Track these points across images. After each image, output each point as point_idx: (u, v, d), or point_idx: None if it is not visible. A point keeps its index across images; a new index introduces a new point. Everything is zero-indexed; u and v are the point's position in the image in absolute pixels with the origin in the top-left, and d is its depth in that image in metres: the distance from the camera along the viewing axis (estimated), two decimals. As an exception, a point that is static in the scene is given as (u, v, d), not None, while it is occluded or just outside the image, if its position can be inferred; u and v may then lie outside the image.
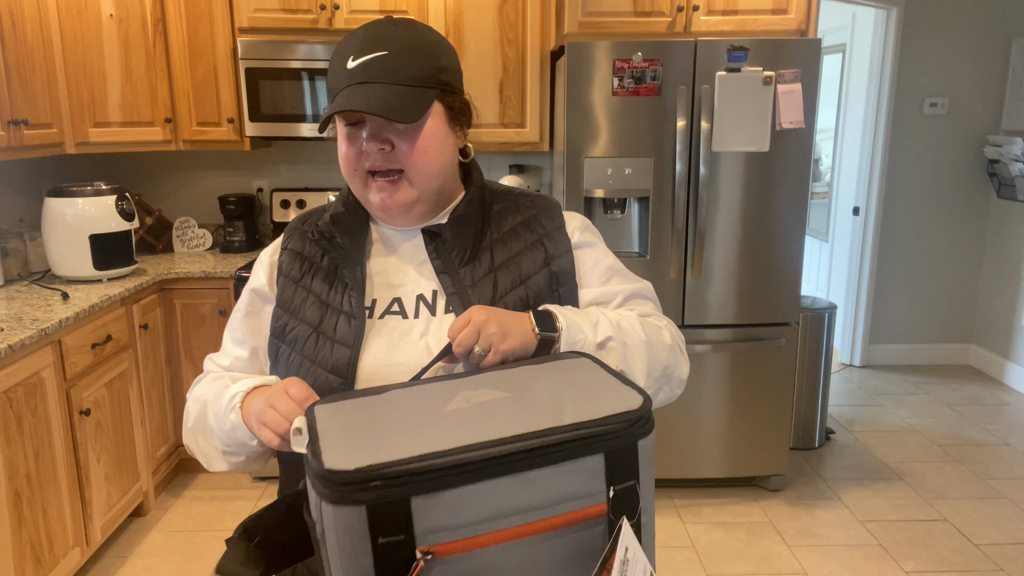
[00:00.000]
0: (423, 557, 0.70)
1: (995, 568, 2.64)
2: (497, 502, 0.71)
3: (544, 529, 0.73)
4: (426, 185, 1.01)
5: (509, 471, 0.71)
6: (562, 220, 1.09)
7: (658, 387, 1.03)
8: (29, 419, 2.22)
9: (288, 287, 1.06)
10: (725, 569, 2.64)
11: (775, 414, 3.07)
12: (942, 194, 4.50)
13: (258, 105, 3.17)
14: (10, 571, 2.11)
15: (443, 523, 0.70)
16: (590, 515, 0.74)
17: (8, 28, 2.62)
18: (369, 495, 0.68)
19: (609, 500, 0.74)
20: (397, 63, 0.95)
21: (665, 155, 2.86)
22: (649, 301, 1.12)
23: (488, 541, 0.72)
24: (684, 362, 1.06)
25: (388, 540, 0.69)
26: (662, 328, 1.05)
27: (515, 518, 0.72)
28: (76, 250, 2.84)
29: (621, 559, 0.73)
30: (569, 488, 0.73)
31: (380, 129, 0.97)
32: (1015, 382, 4.32)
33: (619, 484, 0.75)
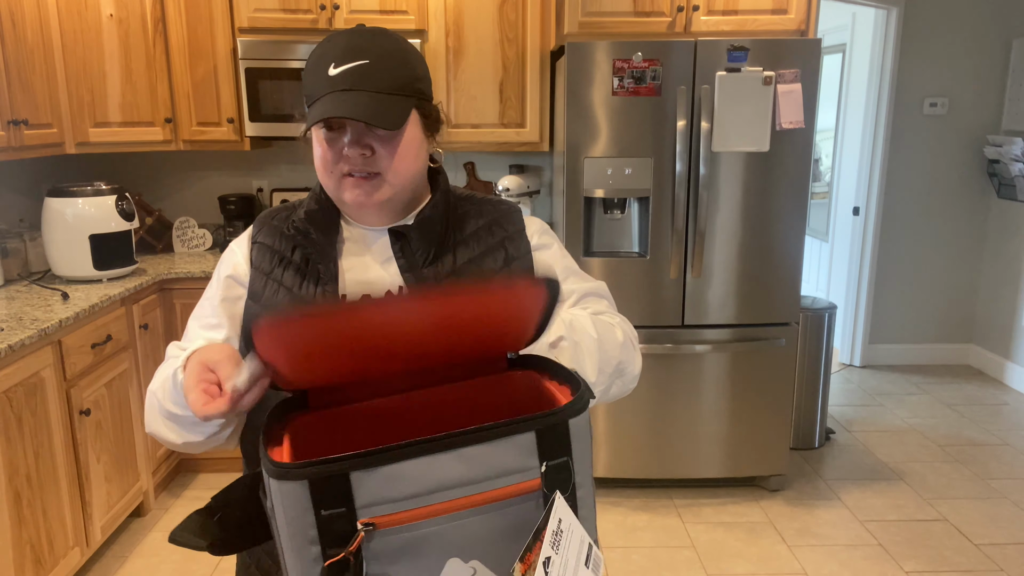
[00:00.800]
0: (364, 528, 0.75)
1: (995, 568, 2.64)
2: (435, 477, 0.76)
3: (482, 502, 0.78)
4: (401, 188, 1.05)
5: (445, 448, 0.76)
6: (522, 224, 1.14)
7: (610, 382, 1.04)
8: (29, 419, 2.22)
9: (258, 279, 1.09)
10: (725, 569, 2.64)
11: (775, 414, 3.07)
12: (942, 194, 4.50)
13: (258, 105, 3.17)
14: (10, 571, 2.11)
15: (383, 496, 0.75)
16: (524, 489, 0.79)
17: (8, 28, 2.62)
18: (309, 470, 0.73)
19: (542, 475, 0.79)
20: (379, 71, 0.99)
21: (665, 155, 2.86)
22: (604, 299, 1.15)
23: (428, 513, 0.76)
24: (637, 358, 1.09)
25: (330, 512, 0.74)
26: (615, 325, 1.06)
27: (453, 492, 0.77)
28: (76, 250, 2.84)
29: (554, 530, 0.77)
30: (504, 463, 0.78)
31: (361, 135, 1.01)
32: (1015, 382, 4.32)
33: (551, 460, 0.79)
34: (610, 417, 3.06)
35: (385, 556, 0.77)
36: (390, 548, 0.77)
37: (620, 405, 3.04)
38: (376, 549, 0.77)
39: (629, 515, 2.99)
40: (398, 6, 3.16)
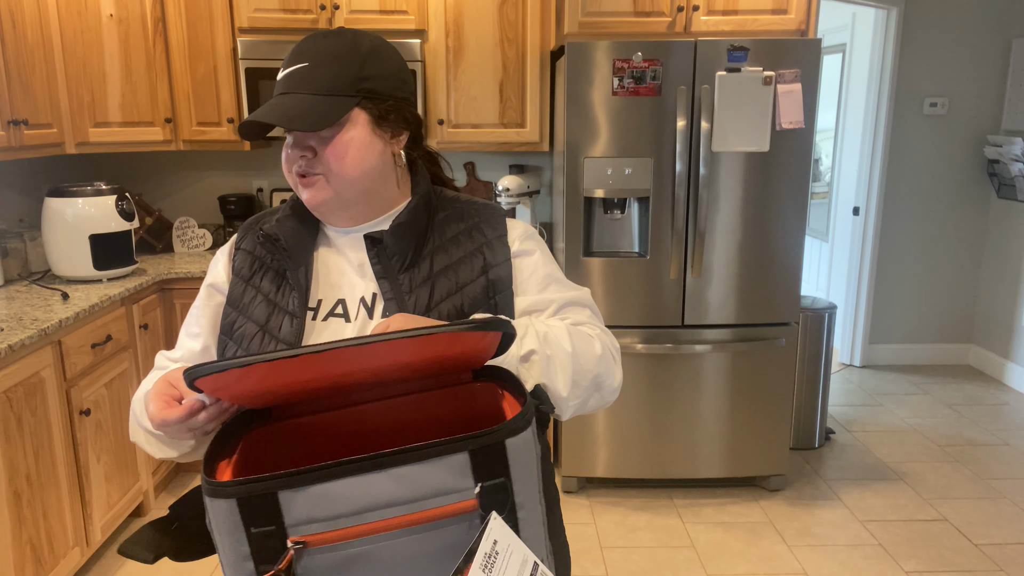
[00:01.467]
0: (294, 547, 0.75)
1: (995, 568, 2.64)
2: (366, 496, 0.76)
3: (416, 522, 0.77)
4: (345, 188, 1.03)
5: (375, 468, 0.75)
6: (504, 229, 1.12)
7: (587, 396, 1.03)
8: (29, 419, 2.22)
9: (238, 285, 1.10)
10: (725, 569, 2.64)
11: (775, 414, 3.07)
12: (942, 194, 4.50)
13: (258, 105, 3.17)
14: (10, 571, 2.12)
15: (312, 515, 0.75)
16: (459, 510, 0.78)
17: (8, 28, 2.62)
18: (236, 489, 0.74)
19: (477, 496, 0.78)
20: (315, 73, 1.00)
21: (665, 155, 2.86)
22: (586, 309, 1.12)
23: (360, 532, 0.76)
24: (616, 371, 1.07)
25: (260, 530, 0.75)
26: (594, 337, 1.04)
27: (386, 511, 0.76)
28: (76, 250, 2.84)
29: (487, 552, 0.76)
30: (437, 484, 0.77)
31: (303, 137, 1.02)
32: (1015, 382, 4.32)
33: (487, 480, 0.78)
34: (610, 417, 3.06)
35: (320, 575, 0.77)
36: (324, 567, 0.77)
37: (620, 405, 3.04)
38: (310, 567, 0.76)
39: (629, 515, 2.99)
40: (398, 6, 3.16)
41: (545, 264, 1.12)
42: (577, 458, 3.10)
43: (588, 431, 3.08)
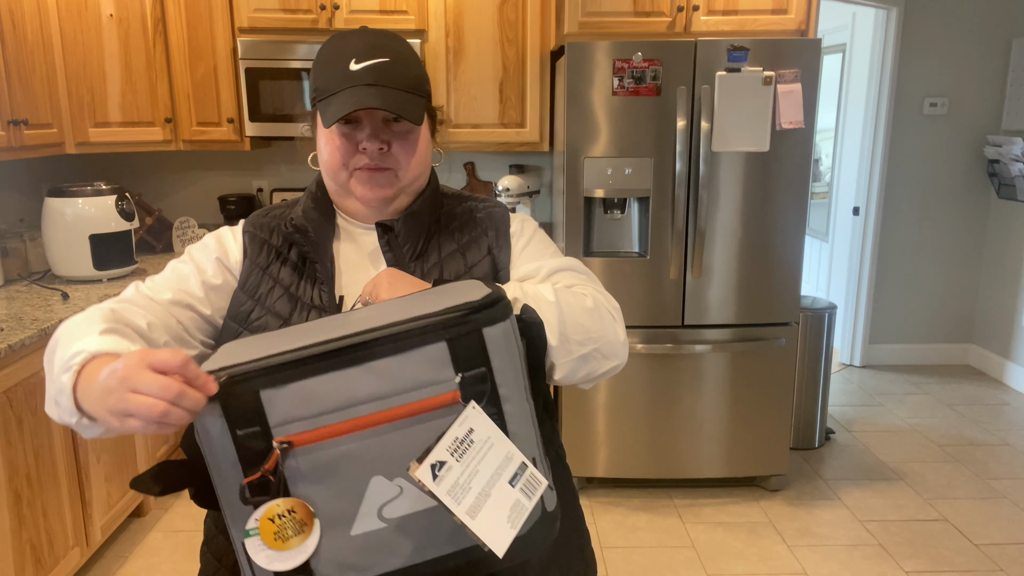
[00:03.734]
0: (279, 446, 0.75)
1: (995, 568, 2.64)
2: (344, 392, 0.75)
3: (397, 417, 0.76)
4: (409, 183, 1.07)
5: (352, 362, 0.75)
6: (508, 217, 1.15)
7: (583, 351, 0.97)
8: (29, 419, 2.22)
9: (254, 272, 1.07)
10: (725, 569, 2.64)
11: (775, 414, 3.07)
12: (942, 194, 4.50)
13: (258, 105, 3.17)
14: (10, 571, 2.12)
15: (295, 414, 0.75)
16: (442, 402, 0.77)
17: (8, 28, 2.62)
18: (220, 391, 0.74)
19: (459, 387, 0.77)
20: (399, 70, 1.01)
21: (665, 155, 2.86)
22: (579, 274, 1.08)
23: (342, 430, 0.76)
24: (616, 327, 1.01)
25: (245, 432, 0.76)
26: (585, 295, 1.00)
27: (366, 407, 0.76)
28: (76, 250, 2.84)
29: (459, 437, 0.76)
30: (416, 376, 0.76)
31: (379, 130, 1.02)
32: (1015, 382, 4.32)
33: (467, 371, 0.77)
34: (610, 417, 3.06)
35: (308, 476, 0.77)
36: (311, 468, 0.77)
37: (620, 405, 3.04)
38: (297, 469, 0.77)
39: (629, 515, 2.99)
40: (398, 6, 3.16)
41: (538, 241, 1.14)
42: (577, 458, 3.10)
43: (588, 431, 3.08)
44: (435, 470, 0.75)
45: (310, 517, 0.78)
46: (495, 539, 0.75)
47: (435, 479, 0.74)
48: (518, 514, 0.78)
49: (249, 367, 0.76)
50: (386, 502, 0.79)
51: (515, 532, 0.76)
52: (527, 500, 0.78)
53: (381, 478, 0.78)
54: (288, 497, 0.77)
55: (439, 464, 0.75)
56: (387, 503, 0.79)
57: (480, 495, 0.76)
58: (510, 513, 0.77)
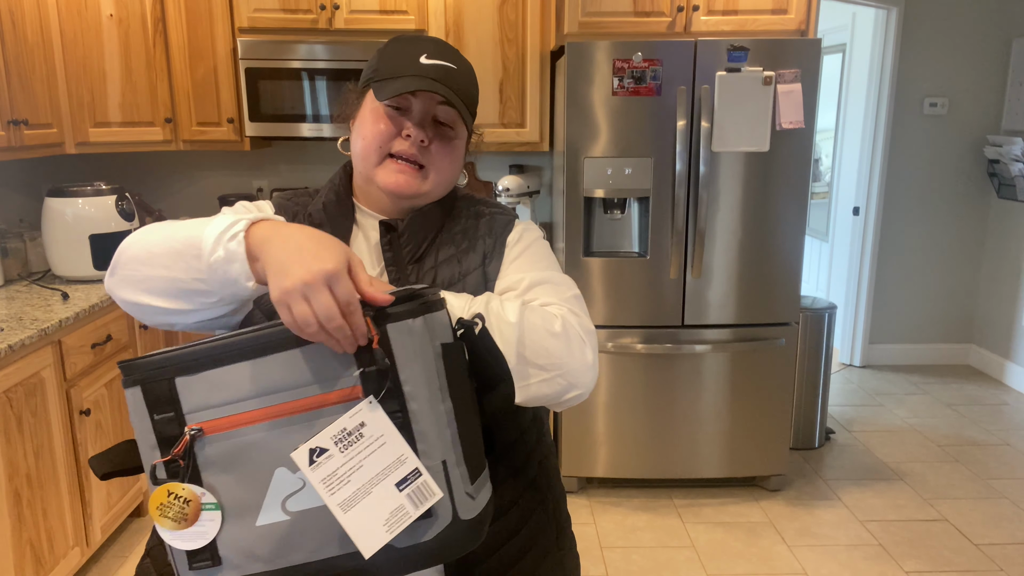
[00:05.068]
0: (190, 432, 0.78)
1: (995, 568, 2.64)
2: (253, 382, 0.77)
3: (301, 409, 0.77)
4: (436, 187, 1.08)
5: (260, 352, 0.77)
6: (510, 227, 1.13)
7: (548, 375, 0.94)
8: (29, 419, 2.22)
9: None
10: (725, 569, 2.64)
11: (775, 414, 3.07)
12: (942, 194, 4.50)
13: (258, 105, 3.17)
14: (10, 571, 2.12)
15: (206, 401, 0.78)
16: (343, 396, 0.77)
17: (8, 28, 2.62)
18: (140, 375, 0.79)
19: (361, 382, 0.77)
20: (461, 80, 1.05)
21: (665, 155, 2.86)
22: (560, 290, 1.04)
23: (251, 419, 0.78)
24: (585, 352, 0.97)
25: (161, 416, 0.79)
26: (556, 316, 0.97)
27: (272, 397, 0.77)
28: (76, 250, 2.84)
29: (347, 428, 0.76)
30: (320, 369, 0.77)
31: (425, 124, 1.05)
32: (1015, 382, 4.32)
33: (368, 367, 0.77)
34: (610, 417, 3.06)
35: (217, 464, 0.79)
36: (220, 455, 0.79)
37: (620, 405, 3.04)
38: (208, 456, 0.79)
39: (629, 515, 2.99)
40: (398, 6, 3.16)
41: (533, 252, 1.10)
42: (577, 458, 3.10)
43: (588, 431, 3.08)
44: (313, 455, 0.76)
45: (195, 515, 0.80)
46: (365, 539, 0.75)
47: (311, 464, 0.75)
48: (399, 520, 0.76)
49: (167, 355, 0.79)
50: (289, 494, 0.79)
51: (390, 537, 0.76)
52: (413, 507, 0.77)
53: (285, 470, 0.79)
54: (193, 484, 0.79)
55: (319, 450, 0.76)
56: (290, 496, 0.79)
57: (359, 491, 0.76)
58: (389, 517, 0.76)
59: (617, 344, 2.98)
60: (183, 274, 0.85)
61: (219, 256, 0.82)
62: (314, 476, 0.75)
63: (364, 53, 3.14)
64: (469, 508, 0.81)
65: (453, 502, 0.79)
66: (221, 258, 0.82)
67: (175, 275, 0.85)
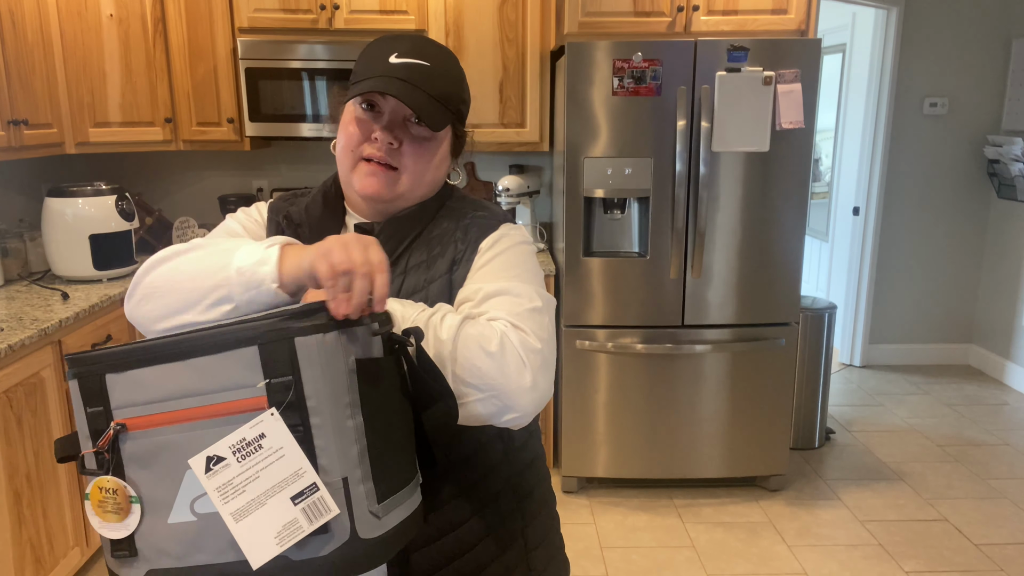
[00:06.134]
0: (113, 427, 0.82)
1: (995, 568, 2.64)
2: (169, 384, 0.81)
3: (214, 414, 0.79)
4: (410, 190, 1.05)
5: (177, 356, 0.80)
6: (488, 232, 1.06)
7: (481, 396, 0.91)
8: (29, 419, 2.22)
9: None
10: (725, 569, 2.64)
11: (775, 414, 3.07)
12: (942, 194, 4.50)
13: (258, 105, 3.17)
14: (10, 571, 2.12)
15: (130, 399, 0.82)
16: (249, 406, 0.78)
17: (8, 28, 2.62)
18: (77, 369, 0.84)
19: (266, 393, 0.78)
20: (435, 77, 1.01)
21: (665, 155, 2.86)
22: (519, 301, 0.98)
23: (167, 420, 0.81)
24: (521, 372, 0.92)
25: (92, 410, 0.84)
26: (494, 334, 0.92)
27: (185, 400, 0.80)
28: (76, 250, 2.84)
29: (245, 439, 0.77)
30: (229, 377, 0.79)
31: (396, 125, 1.02)
32: (1015, 382, 4.32)
33: (274, 378, 0.78)
34: (610, 417, 3.06)
35: (137, 459, 0.83)
36: (140, 452, 0.83)
37: (620, 405, 3.04)
38: (130, 451, 0.83)
39: (629, 515, 2.99)
40: (398, 6, 3.16)
41: (500, 258, 1.04)
42: (577, 458, 3.10)
43: (588, 431, 3.08)
44: (210, 463, 0.77)
45: (127, 504, 0.83)
46: (255, 550, 0.76)
47: (207, 472, 0.77)
48: (291, 533, 0.76)
49: (102, 352, 0.83)
50: (197, 496, 0.81)
51: (280, 549, 0.77)
52: (307, 522, 0.77)
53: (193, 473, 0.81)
54: (117, 477, 0.83)
55: (216, 459, 0.77)
56: (198, 498, 0.81)
57: (253, 502, 0.77)
58: (282, 530, 0.76)
59: (617, 344, 2.98)
60: (206, 283, 0.90)
61: (251, 261, 0.88)
62: (209, 484, 0.77)
63: (364, 53, 3.14)
64: (371, 527, 0.80)
65: (352, 520, 0.78)
66: (253, 261, 0.88)
67: (197, 285, 0.90)
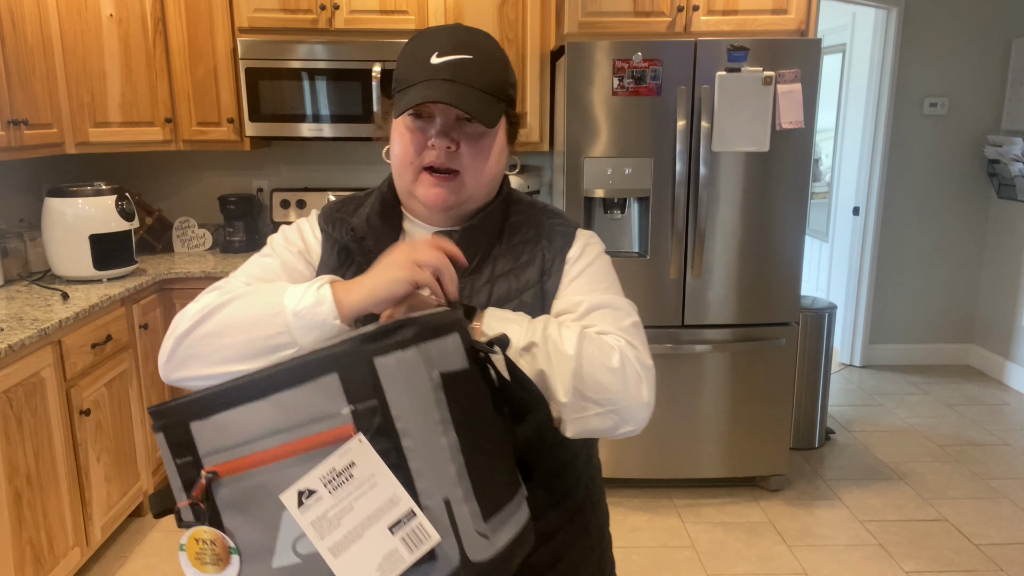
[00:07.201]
0: (205, 476, 0.78)
1: (995, 568, 2.64)
2: (253, 424, 0.77)
3: (304, 448, 0.76)
4: (477, 190, 1.03)
5: (259, 395, 0.76)
6: (572, 240, 1.07)
7: (596, 410, 0.92)
8: (29, 419, 2.22)
9: (324, 273, 1.06)
10: (725, 569, 2.64)
11: (775, 414, 3.07)
12: (942, 194, 4.50)
13: (258, 105, 3.17)
14: (10, 571, 2.12)
15: (218, 444, 0.78)
16: (337, 436, 0.75)
17: (8, 28, 2.62)
18: (162, 421, 0.80)
19: (353, 420, 0.75)
20: (480, 69, 0.98)
21: (665, 155, 2.86)
22: (619, 316, 1.01)
23: (258, 461, 0.77)
24: (641, 389, 0.94)
25: (182, 461, 0.80)
26: (613, 348, 0.94)
27: (276, 438, 0.76)
28: (76, 250, 2.84)
29: (336, 469, 0.74)
30: (314, 408, 0.75)
31: (450, 128, 0.99)
32: (1015, 382, 4.32)
33: (359, 403, 0.74)
34: (610, 417, 3.06)
35: (233, 506, 0.79)
36: (234, 498, 0.79)
37: (620, 405, 3.04)
38: (226, 499, 0.79)
39: (629, 515, 2.99)
40: (398, 6, 3.16)
41: (591, 269, 1.05)
42: (577, 458, 3.10)
43: (588, 431, 3.08)
44: (302, 497, 0.74)
45: (226, 554, 0.80)
46: None
47: (300, 506, 0.74)
48: (392, 565, 0.73)
49: (181, 401, 0.79)
50: (298, 537, 0.77)
51: None
52: (407, 552, 0.73)
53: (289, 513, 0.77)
54: (213, 527, 0.80)
55: (308, 492, 0.74)
56: (299, 538, 0.77)
57: (350, 534, 0.74)
58: (383, 562, 0.73)
59: (617, 344, 2.98)
60: (264, 331, 0.89)
61: (306, 304, 0.88)
62: (303, 519, 0.74)
63: (364, 53, 3.14)
64: (482, 548, 0.76)
65: (460, 543, 0.75)
66: (309, 304, 0.88)
67: (254, 336, 0.89)
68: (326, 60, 3.14)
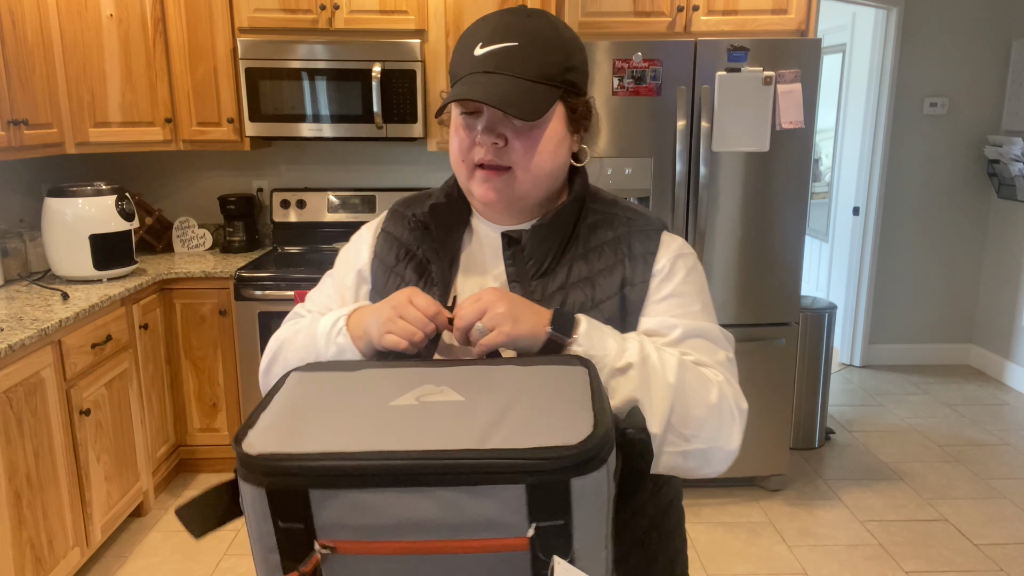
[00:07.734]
0: (321, 550, 0.70)
1: (995, 568, 2.64)
2: (402, 513, 0.69)
3: (456, 550, 0.70)
4: (532, 186, 0.96)
5: (416, 484, 0.68)
6: (655, 247, 0.99)
7: (688, 447, 0.87)
8: (29, 419, 2.22)
9: (381, 272, 1.06)
10: (725, 569, 2.64)
11: (775, 414, 3.07)
12: (942, 194, 4.50)
13: (258, 105, 3.17)
14: (10, 571, 2.12)
15: (343, 521, 0.70)
16: (507, 547, 0.69)
17: (8, 28, 2.62)
18: (268, 479, 0.69)
19: (531, 536, 0.69)
20: (526, 56, 0.91)
21: (665, 155, 2.86)
22: (717, 350, 0.95)
23: (391, 549, 0.70)
24: (733, 432, 0.89)
25: (288, 526, 0.70)
26: (711, 383, 0.89)
27: (423, 533, 0.69)
28: (76, 250, 2.84)
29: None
30: (484, 514, 0.69)
31: (496, 122, 0.93)
32: (1015, 382, 4.32)
33: (544, 521, 0.68)
34: (610, 417, 3.06)
35: None
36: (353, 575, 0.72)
37: (620, 405, 3.04)
38: (339, 573, 0.72)
39: (629, 515, 2.99)
40: (398, 6, 3.16)
41: (683, 286, 0.98)
42: (577, 458, 3.10)
43: (588, 431, 3.08)
44: None
45: None
46: None
47: None
48: None
49: (305, 463, 0.69)
50: None
51: None
52: None
53: None
54: None
55: None
56: None
57: None
58: None
59: (617, 344, 2.98)
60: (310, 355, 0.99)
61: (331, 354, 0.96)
62: None
63: (364, 53, 3.14)
64: None
65: None
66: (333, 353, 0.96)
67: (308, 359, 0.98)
68: (326, 60, 3.14)
